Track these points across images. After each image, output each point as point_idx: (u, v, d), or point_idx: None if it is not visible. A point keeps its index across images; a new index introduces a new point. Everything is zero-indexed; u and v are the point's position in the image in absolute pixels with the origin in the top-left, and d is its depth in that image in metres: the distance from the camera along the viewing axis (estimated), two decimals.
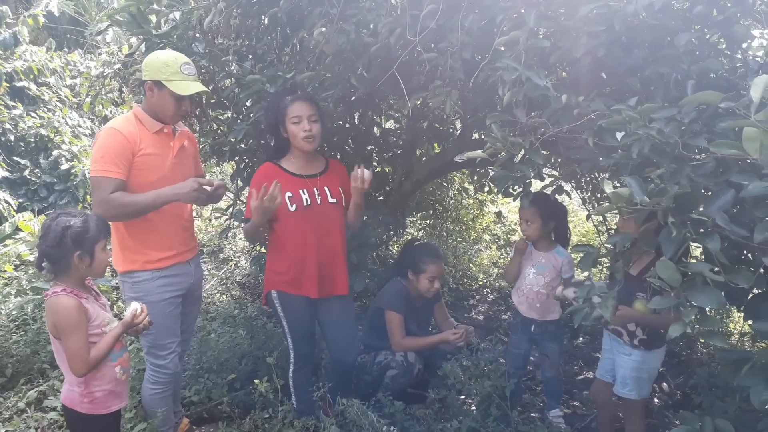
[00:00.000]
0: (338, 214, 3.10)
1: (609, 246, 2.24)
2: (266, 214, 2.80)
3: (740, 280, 1.72)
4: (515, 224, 7.05)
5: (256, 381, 3.17)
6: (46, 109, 7.11)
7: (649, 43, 2.35)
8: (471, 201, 6.74)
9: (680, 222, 1.81)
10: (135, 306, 2.41)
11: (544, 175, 2.59)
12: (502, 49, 2.24)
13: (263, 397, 3.21)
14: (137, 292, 2.78)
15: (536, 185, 3.31)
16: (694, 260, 2.54)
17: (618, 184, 2.09)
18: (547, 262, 3.30)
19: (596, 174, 4.20)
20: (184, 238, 2.95)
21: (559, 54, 2.30)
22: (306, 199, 2.97)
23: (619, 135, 2.01)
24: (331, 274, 3.08)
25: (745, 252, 2.11)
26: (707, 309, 1.78)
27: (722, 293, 1.74)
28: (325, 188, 3.07)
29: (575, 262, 3.27)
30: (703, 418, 2.11)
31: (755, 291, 2.00)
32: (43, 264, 2.24)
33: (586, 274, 2.93)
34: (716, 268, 1.75)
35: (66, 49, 8.38)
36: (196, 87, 2.76)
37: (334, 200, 3.07)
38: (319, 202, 3.01)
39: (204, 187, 2.66)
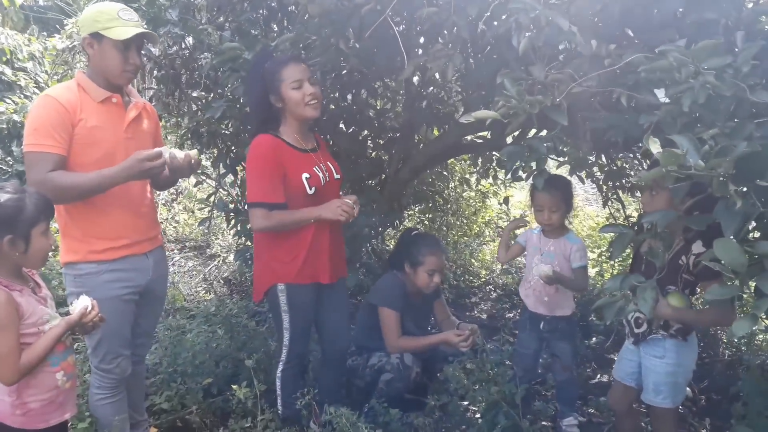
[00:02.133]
0: (338, 192, 2.86)
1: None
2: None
3: None
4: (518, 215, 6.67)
5: (234, 386, 2.82)
6: (22, 95, 6.70)
7: None
8: (473, 193, 6.38)
9: (743, 191, 1.44)
10: (85, 301, 2.04)
11: (562, 150, 2.21)
12: None
13: (242, 404, 2.87)
14: (80, 287, 2.36)
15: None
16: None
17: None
18: (557, 249, 2.93)
19: (610, 158, 3.85)
20: (139, 225, 2.52)
21: (581, 2, 1.93)
22: (323, 177, 2.66)
23: (659, 93, 1.64)
24: (338, 257, 2.88)
25: None
26: None
27: None
28: (329, 163, 2.78)
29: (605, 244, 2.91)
30: None
31: None
32: None
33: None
34: None
35: (44, 33, 7.98)
36: (138, 29, 2.35)
37: (338, 176, 2.82)
38: (327, 179, 2.72)
39: (154, 161, 2.24)
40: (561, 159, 2.62)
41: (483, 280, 5.69)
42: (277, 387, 2.92)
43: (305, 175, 2.60)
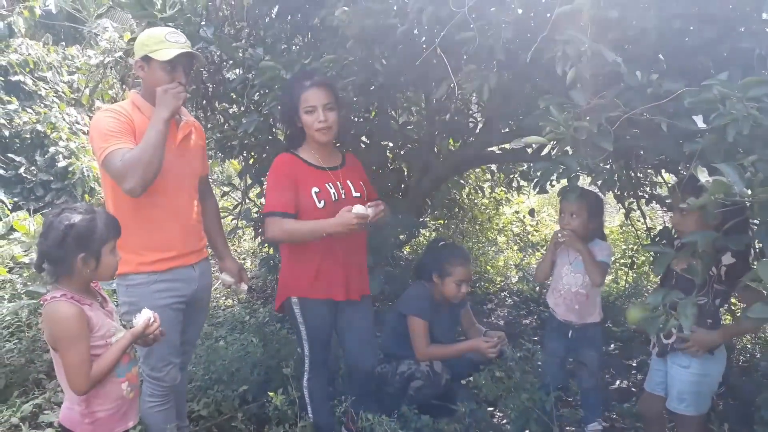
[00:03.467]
0: None
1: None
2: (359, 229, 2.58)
3: None
4: (536, 224, 6.78)
5: (270, 393, 2.91)
6: (42, 105, 6.80)
7: (720, 19, 2.09)
8: (486, 201, 6.47)
9: None
10: (147, 314, 2.14)
11: (596, 167, 2.30)
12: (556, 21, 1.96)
13: (278, 411, 2.96)
14: (131, 297, 2.48)
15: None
16: None
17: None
18: None
19: (636, 172, 3.92)
20: (187, 239, 2.63)
21: (621, 28, 2.03)
22: (334, 194, 2.72)
23: (698, 119, 1.75)
24: (356, 274, 2.86)
25: None
26: None
27: None
28: (348, 182, 2.83)
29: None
30: None
31: None
32: (43, 265, 1.96)
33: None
34: None
35: (63, 43, 8.08)
36: (183, 49, 2.47)
37: (358, 194, 2.83)
38: (343, 196, 2.76)
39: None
40: (590, 176, 2.72)
41: (498, 286, 5.77)
42: (305, 396, 3.00)
43: (315, 190, 2.69)
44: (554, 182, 2.59)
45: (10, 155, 6.20)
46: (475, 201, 6.41)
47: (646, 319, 1.88)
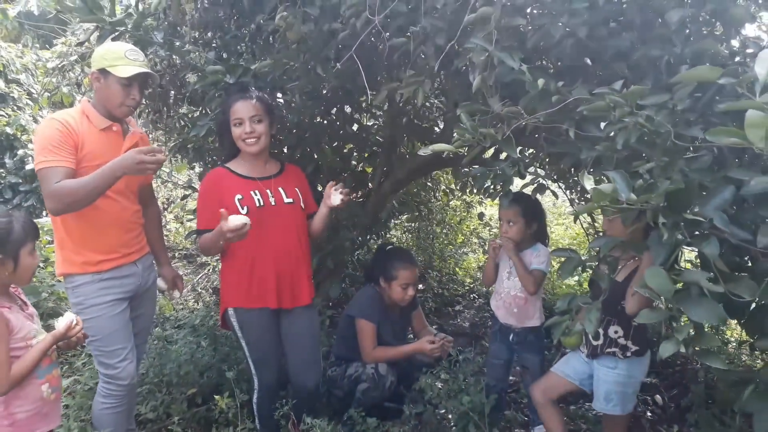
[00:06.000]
0: (295, 216, 2.87)
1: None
2: (237, 239, 2.55)
3: (742, 291, 1.48)
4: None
5: (216, 397, 2.94)
6: (15, 107, 6.82)
7: (639, 25, 2.12)
8: (458, 203, 6.50)
9: (672, 223, 1.57)
10: (70, 317, 2.17)
11: (526, 173, 2.33)
12: (469, 29, 1.99)
13: (224, 414, 2.99)
14: (78, 297, 2.58)
15: (517, 184, 3.08)
16: (689, 265, 2.30)
17: (602, 180, 1.85)
18: (525, 261, 3.06)
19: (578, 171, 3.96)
20: (126, 240, 2.72)
21: (538, 36, 2.06)
22: (258, 200, 2.74)
23: (602, 125, 1.78)
24: (292, 282, 2.84)
25: (746, 258, 1.86)
26: (704, 325, 1.54)
27: (721, 306, 1.50)
28: (279, 189, 2.85)
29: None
30: None
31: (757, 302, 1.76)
32: None
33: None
34: (713, 276, 1.52)
35: (37, 45, 8.08)
36: (141, 69, 2.57)
37: (290, 200, 2.84)
38: (273, 203, 2.78)
39: (147, 155, 2.36)
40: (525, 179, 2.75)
41: (467, 288, 5.80)
42: (254, 410, 3.00)
43: (238, 197, 2.72)
44: (491, 187, 2.61)
45: None
46: (448, 203, 6.44)
47: (553, 324, 1.90)
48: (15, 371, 1.99)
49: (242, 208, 2.70)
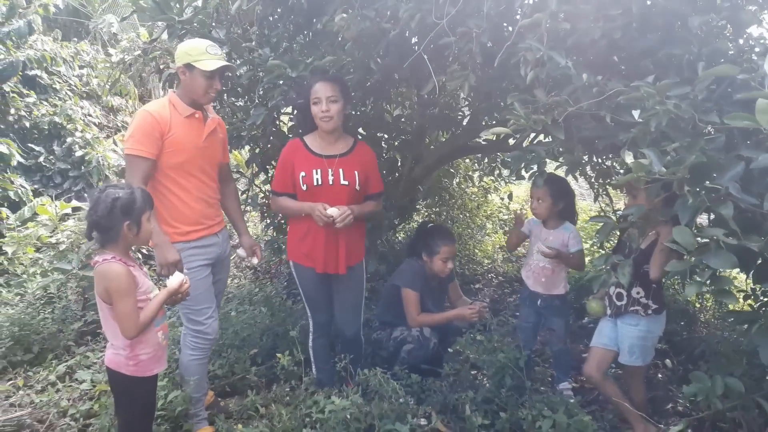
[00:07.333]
0: (348, 196, 3.14)
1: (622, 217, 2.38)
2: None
3: (752, 243, 1.86)
4: (518, 209, 7.18)
5: (278, 354, 3.31)
6: (57, 98, 7.20)
7: (662, 27, 2.49)
8: (475, 189, 6.88)
9: (695, 191, 1.95)
10: (181, 276, 2.55)
11: (560, 156, 2.70)
12: (521, 30, 2.36)
13: (285, 370, 3.36)
14: None
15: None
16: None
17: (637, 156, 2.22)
18: (555, 239, 3.45)
19: (601, 159, 4.35)
20: (209, 213, 3.12)
21: (576, 37, 2.43)
22: (317, 179, 3.08)
23: (635, 113, 2.15)
24: (338, 253, 3.18)
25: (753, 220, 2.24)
26: (719, 271, 1.93)
27: (734, 257, 1.88)
28: (340, 170, 3.13)
29: (595, 232, 3.39)
30: (714, 378, 2.25)
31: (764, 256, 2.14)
32: (93, 234, 2.36)
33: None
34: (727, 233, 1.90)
35: (75, 39, 8.43)
36: (222, 62, 2.94)
37: (346, 182, 3.12)
38: (330, 182, 3.10)
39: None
40: (558, 161, 3.13)
41: (486, 268, 6.19)
42: (310, 355, 3.45)
43: (302, 174, 3.11)
44: (526, 169, 3.00)
45: (30, 145, 6.60)
46: (465, 189, 6.82)
47: (593, 277, 2.30)
48: (142, 318, 2.36)
49: (303, 185, 3.09)
